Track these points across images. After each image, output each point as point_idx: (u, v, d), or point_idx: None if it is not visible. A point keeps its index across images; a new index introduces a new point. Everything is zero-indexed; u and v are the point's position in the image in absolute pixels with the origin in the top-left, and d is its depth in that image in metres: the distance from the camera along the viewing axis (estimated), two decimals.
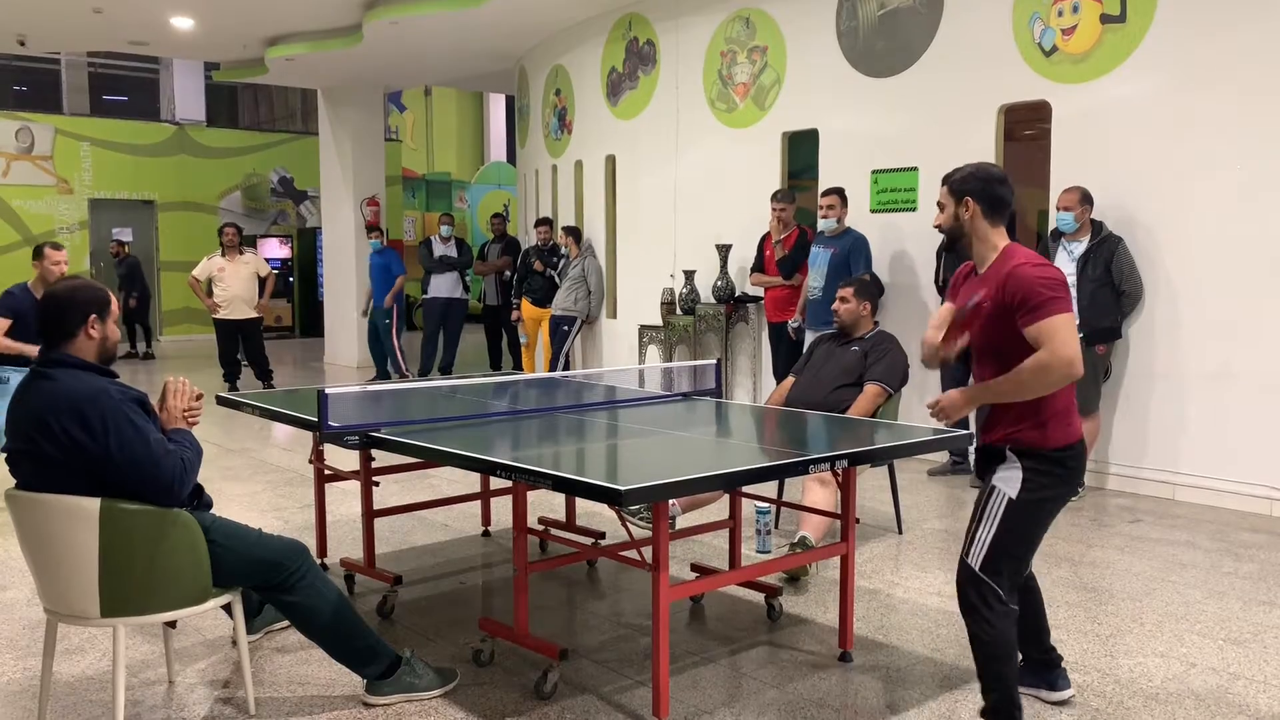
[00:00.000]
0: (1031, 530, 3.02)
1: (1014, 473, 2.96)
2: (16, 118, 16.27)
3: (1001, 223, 3.05)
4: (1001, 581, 2.96)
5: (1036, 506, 2.98)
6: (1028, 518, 2.98)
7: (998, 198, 3.02)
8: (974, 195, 3.02)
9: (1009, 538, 2.96)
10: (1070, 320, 2.88)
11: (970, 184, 3.04)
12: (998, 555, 2.96)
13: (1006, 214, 3.05)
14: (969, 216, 3.05)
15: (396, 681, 3.34)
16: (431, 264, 11.47)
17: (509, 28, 10.64)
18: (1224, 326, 5.93)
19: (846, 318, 5.33)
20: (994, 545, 2.96)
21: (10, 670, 3.68)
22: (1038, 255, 3.01)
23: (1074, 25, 6.40)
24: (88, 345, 3.04)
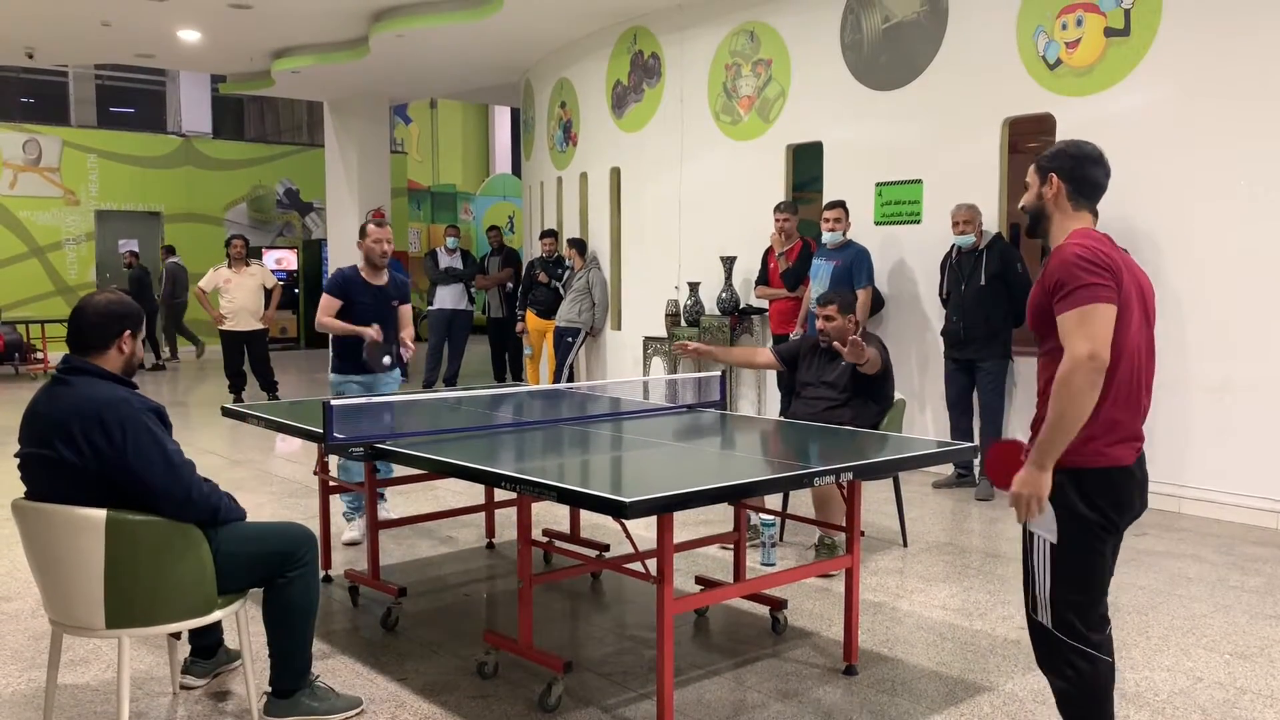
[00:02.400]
0: (1090, 569, 2.60)
1: (1047, 513, 2.56)
2: (24, 130, 16.34)
3: (1088, 208, 2.70)
4: (1079, 632, 2.59)
5: (1084, 543, 2.57)
6: (1080, 558, 2.58)
7: (1087, 178, 2.67)
8: (1060, 172, 2.67)
9: (1068, 586, 2.59)
10: (1101, 312, 2.45)
11: (1059, 160, 2.68)
12: (1065, 607, 2.59)
13: (1096, 197, 2.71)
14: (1052, 195, 2.68)
15: (295, 704, 3.29)
16: (437, 275, 11.51)
17: (514, 41, 10.68)
18: (1229, 339, 5.93)
19: (836, 335, 5.23)
20: (1056, 599, 2.60)
21: (15, 681, 3.68)
22: (1100, 235, 2.62)
23: (1078, 39, 6.42)
24: (116, 359, 3.07)
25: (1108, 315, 2.46)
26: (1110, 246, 2.60)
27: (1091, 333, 2.43)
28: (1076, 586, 2.59)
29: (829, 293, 5.50)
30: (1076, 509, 2.55)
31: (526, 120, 12.59)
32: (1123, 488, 2.58)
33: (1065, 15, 6.47)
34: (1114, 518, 2.59)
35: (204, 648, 3.61)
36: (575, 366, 10.23)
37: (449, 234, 11.81)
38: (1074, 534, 2.57)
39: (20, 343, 14.15)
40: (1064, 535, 2.57)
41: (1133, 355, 2.56)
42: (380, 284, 5.63)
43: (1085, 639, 2.59)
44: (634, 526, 3.50)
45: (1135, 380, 2.58)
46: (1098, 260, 2.49)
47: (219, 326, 10.61)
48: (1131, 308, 2.55)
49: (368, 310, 5.57)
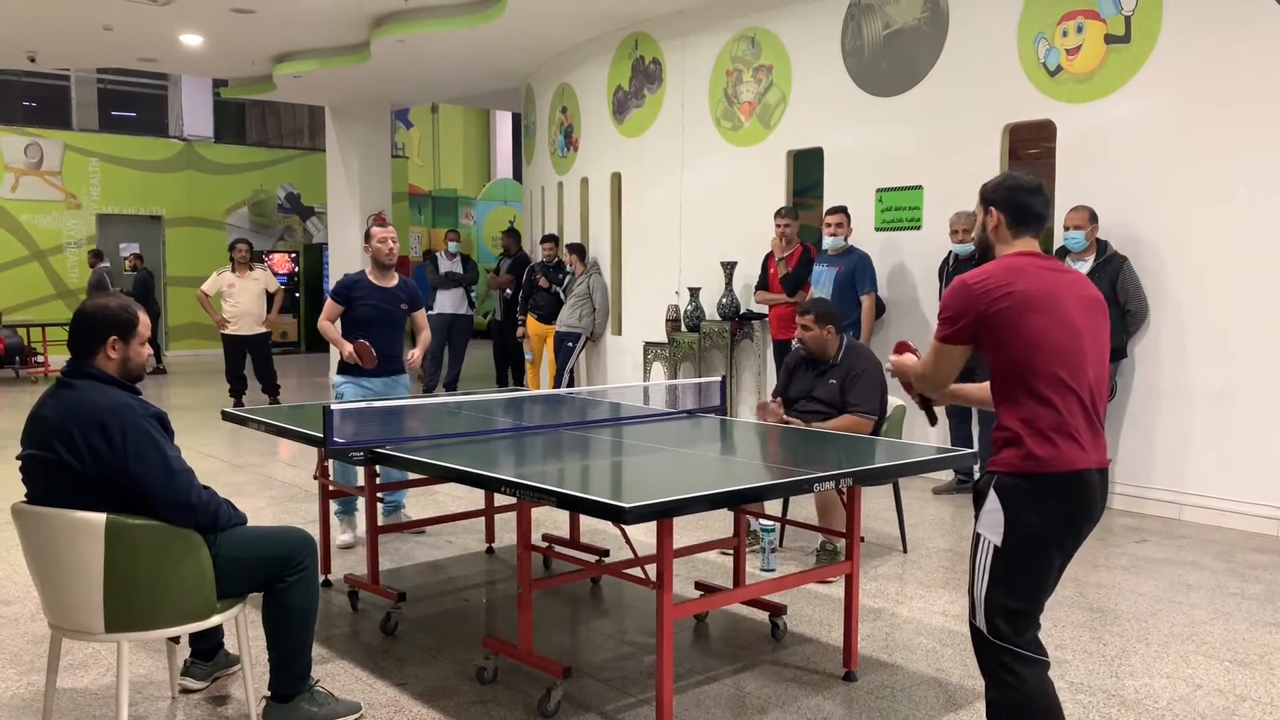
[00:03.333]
0: (1030, 577, 2.61)
1: (995, 515, 2.60)
2: (26, 133, 16.36)
3: (1028, 233, 2.78)
4: (1015, 639, 2.60)
5: (1028, 549, 2.59)
6: (1021, 564, 2.60)
7: (1023, 206, 2.77)
8: (998, 204, 2.80)
9: (1006, 590, 2.60)
10: (936, 349, 2.75)
11: (997, 192, 2.82)
12: (1001, 612, 2.60)
13: (1036, 225, 2.79)
14: (993, 226, 2.81)
15: (294, 708, 3.28)
16: (438, 280, 11.51)
17: (516, 46, 10.70)
18: (1229, 345, 5.93)
19: (814, 345, 5.20)
20: (990, 602, 2.62)
21: (14, 685, 3.68)
22: (1006, 263, 2.70)
23: (1078, 45, 6.43)
24: (108, 364, 3.07)
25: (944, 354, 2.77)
26: (1007, 272, 2.66)
27: (928, 364, 2.84)
28: (1019, 591, 2.61)
29: (808, 301, 5.43)
30: (1021, 515, 2.58)
31: (528, 125, 12.60)
32: (1073, 493, 2.59)
33: (1066, 22, 6.48)
34: (1064, 525, 2.60)
35: (203, 651, 3.61)
36: (575, 371, 10.24)
37: (449, 239, 11.83)
38: (1018, 540, 2.58)
39: (20, 346, 14.15)
40: (1008, 540, 2.59)
41: (1051, 359, 2.59)
42: (388, 286, 5.62)
43: (1015, 641, 2.60)
44: (634, 532, 3.50)
45: (1057, 382, 2.59)
46: (953, 301, 2.70)
47: (221, 330, 10.62)
48: (1034, 313, 2.60)
49: (374, 312, 5.57)
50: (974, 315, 2.64)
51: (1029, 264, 2.69)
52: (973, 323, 2.65)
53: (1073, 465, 2.58)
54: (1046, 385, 2.59)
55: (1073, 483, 2.59)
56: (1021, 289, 2.61)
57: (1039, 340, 2.60)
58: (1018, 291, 2.61)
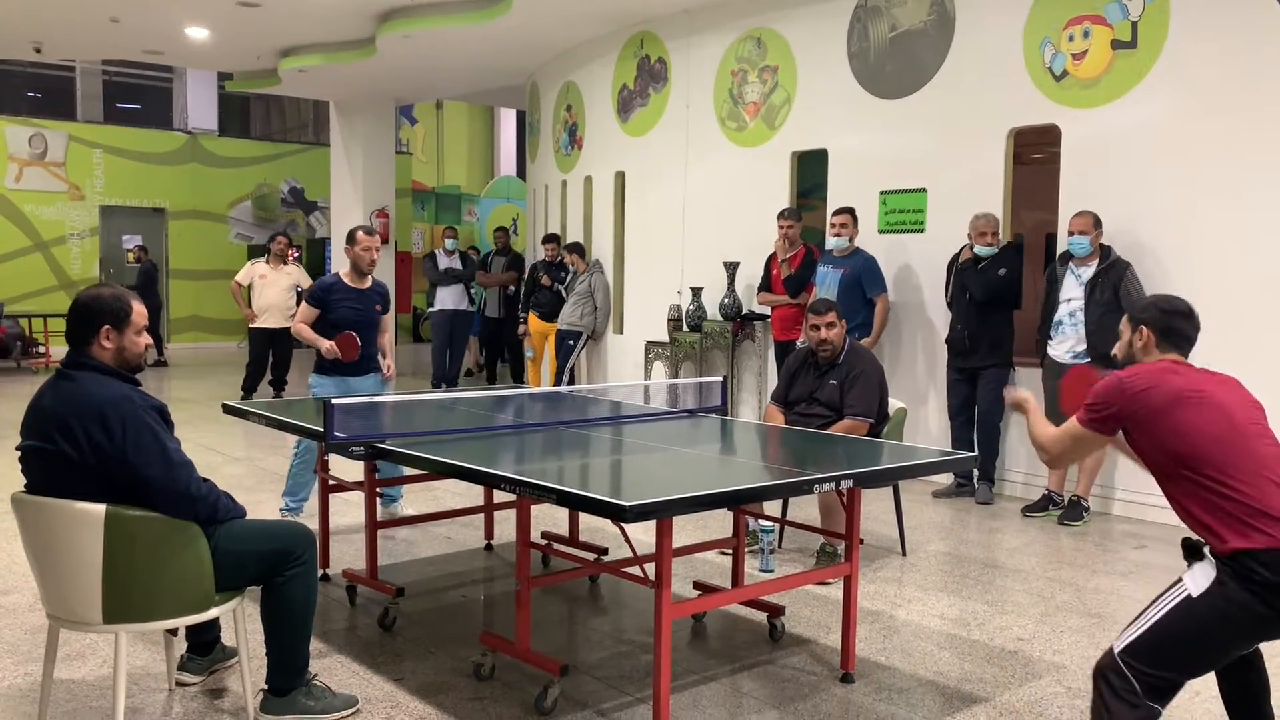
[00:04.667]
0: (1202, 639, 2.54)
1: (1208, 571, 2.57)
2: (30, 124, 16.38)
3: (1175, 352, 2.89)
4: (1143, 677, 2.54)
5: (1218, 616, 2.51)
6: (1202, 624, 2.52)
7: (1173, 329, 2.89)
8: (1149, 324, 2.91)
9: (1171, 636, 2.55)
10: (1076, 432, 2.96)
11: (1148, 313, 2.94)
12: (1151, 648, 2.56)
13: (1184, 346, 2.90)
14: (1141, 345, 2.93)
15: (291, 702, 3.28)
16: (437, 276, 11.51)
17: (522, 43, 10.70)
18: (1231, 352, 5.90)
19: (838, 343, 5.20)
20: (1151, 634, 2.57)
21: (11, 675, 3.68)
22: (1150, 369, 2.80)
23: (1084, 50, 6.42)
24: (103, 354, 3.06)
25: (1086, 439, 2.95)
26: (1153, 373, 2.78)
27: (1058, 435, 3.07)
28: (1183, 645, 2.55)
29: (820, 301, 5.37)
30: (1251, 590, 2.49)
31: (532, 123, 12.61)
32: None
33: (1072, 27, 6.47)
34: (1269, 609, 2.48)
35: (201, 644, 3.61)
36: (576, 370, 10.24)
37: (447, 235, 11.82)
38: (1226, 609, 2.51)
39: (23, 336, 14.16)
40: (1212, 602, 2.53)
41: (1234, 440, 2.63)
42: (364, 288, 5.75)
43: (1149, 690, 2.54)
44: (633, 531, 3.50)
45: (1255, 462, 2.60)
46: (1107, 397, 2.81)
47: (250, 324, 10.65)
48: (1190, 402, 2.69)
49: (352, 314, 5.70)
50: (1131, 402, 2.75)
51: (1182, 367, 2.82)
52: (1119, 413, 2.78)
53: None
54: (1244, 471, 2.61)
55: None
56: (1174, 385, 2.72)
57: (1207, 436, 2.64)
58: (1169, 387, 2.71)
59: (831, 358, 5.22)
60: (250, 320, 10.64)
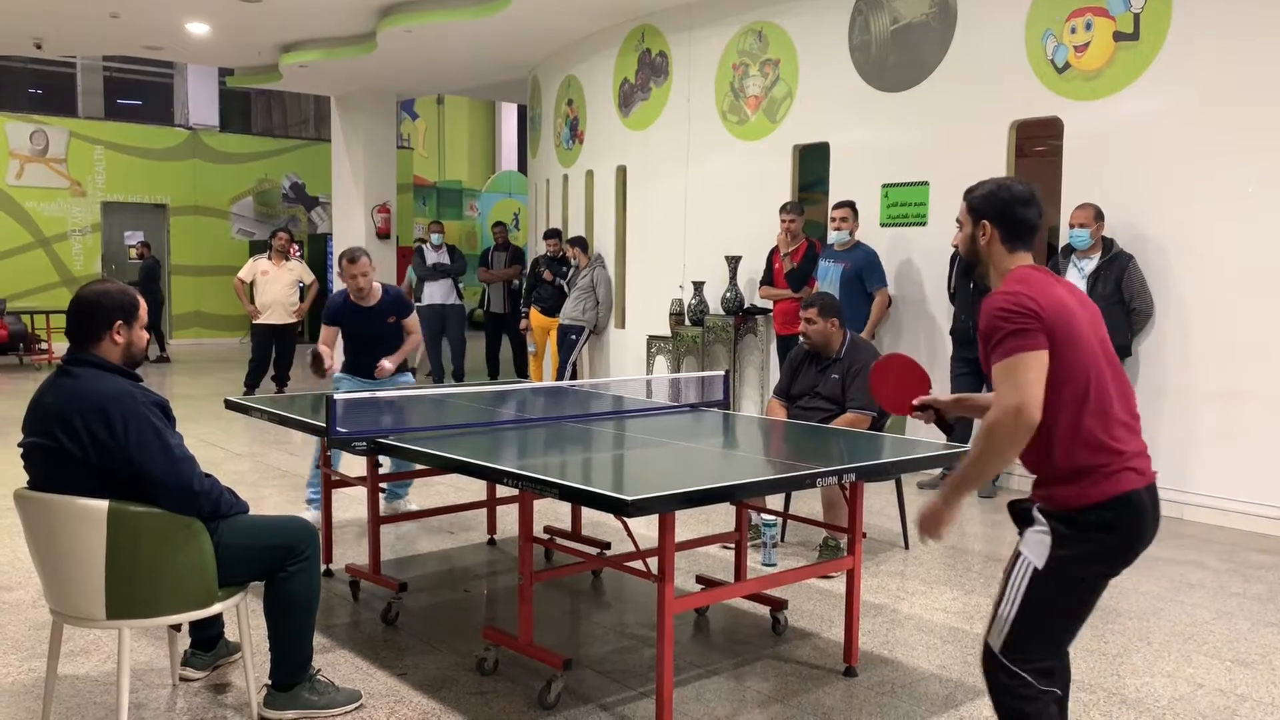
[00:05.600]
0: (1064, 607, 2.50)
1: (1042, 537, 2.47)
2: (31, 120, 16.37)
3: (1022, 248, 2.60)
4: (1030, 668, 2.47)
5: (1068, 578, 2.46)
6: (1057, 591, 2.46)
7: (1019, 220, 2.58)
8: (993, 219, 2.59)
9: (1036, 616, 2.47)
10: (1026, 361, 2.38)
11: (989, 203, 2.61)
12: (1024, 637, 2.48)
13: (1030, 238, 2.61)
14: (985, 241, 2.62)
15: (294, 697, 3.29)
16: (425, 271, 11.47)
17: (522, 38, 10.68)
18: (1234, 345, 5.91)
19: (818, 339, 5.19)
20: (1018, 625, 2.47)
21: (15, 671, 3.68)
22: (1030, 275, 2.52)
23: (1087, 42, 6.40)
24: (112, 349, 3.06)
25: (1034, 362, 2.39)
26: (1038, 286, 2.48)
27: (1018, 382, 2.38)
28: (1049, 619, 2.50)
29: (811, 295, 5.42)
30: (1089, 542, 2.44)
31: (533, 117, 12.59)
32: (1129, 521, 2.45)
33: (1074, 19, 6.45)
34: (1125, 553, 2.48)
35: (204, 640, 3.62)
36: (578, 364, 10.23)
37: (434, 230, 11.75)
38: (1060, 570, 2.45)
39: (25, 333, 14.16)
40: (1050, 566, 2.45)
41: (1099, 378, 2.46)
42: (370, 305, 5.73)
43: (1041, 673, 2.48)
44: (635, 525, 3.50)
45: (1106, 404, 2.45)
46: (1020, 307, 2.42)
47: (254, 320, 10.65)
48: (1079, 336, 2.46)
49: (361, 333, 5.75)
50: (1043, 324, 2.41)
51: (1053, 290, 2.50)
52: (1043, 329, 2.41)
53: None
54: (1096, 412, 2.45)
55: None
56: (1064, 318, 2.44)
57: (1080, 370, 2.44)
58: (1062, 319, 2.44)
59: (818, 350, 5.22)
60: (253, 316, 10.65)
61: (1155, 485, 2.52)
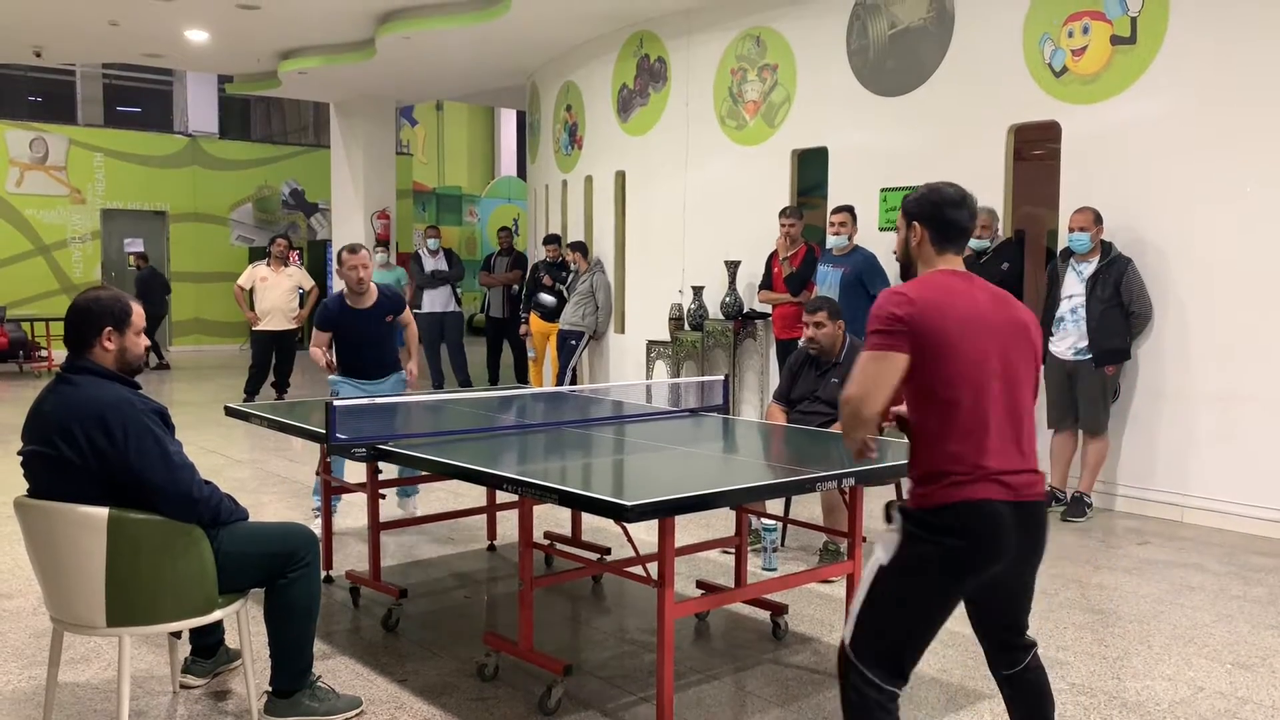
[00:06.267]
0: (908, 608, 2.50)
1: (893, 535, 2.51)
2: (31, 128, 16.39)
3: (952, 250, 2.64)
4: (873, 667, 2.48)
5: (913, 579, 2.47)
6: (901, 591, 2.49)
7: (949, 222, 2.62)
8: (922, 219, 2.64)
9: (878, 613, 2.50)
10: (872, 359, 2.47)
11: (920, 206, 2.66)
12: (867, 634, 2.50)
13: (960, 241, 2.66)
14: (917, 243, 2.66)
15: (295, 704, 3.28)
16: (424, 279, 11.43)
17: (521, 44, 10.70)
18: (1233, 347, 5.92)
19: (827, 343, 5.17)
20: (862, 619, 2.51)
21: (16, 679, 3.68)
22: (933, 279, 2.57)
23: (1084, 46, 6.41)
24: (104, 355, 3.06)
25: (887, 363, 2.46)
26: (930, 293, 2.51)
27: (864, 377, 2.47)
28: (891, 619, 2.51)
29: (817, 299, 5.40)
30: (936, 545, 2.45)
31: (532, 123, 12.61)
32: (976, 527, 2.44)
33: (1071, 23, 6.47)
34: (961, 561, 2.45)
35: (205, 647, 3.61)
36: (578, 369, 10.23)
37: (429, 235, 11.67)
38: (905, 568, 2.48)
39: (25, 341, 14.16)
40: (896, 563, 2.49)
41: (977, 391, 2.46)
42: (366, 306, 5.72)
43: (886, 676, 2.49)
44: (635, 530, 3.50)
45: (981, 417, 2.46)
46: (895, 309, 2.47)
47: (253, 327, 10.64)
48: (961, 352, 2.46)
49: (358, 335, 5.73)
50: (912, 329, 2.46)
51: (950, 295, 2.52)
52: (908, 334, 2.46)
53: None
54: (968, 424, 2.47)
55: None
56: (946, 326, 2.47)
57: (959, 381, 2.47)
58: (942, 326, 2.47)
59: (823, 354, 5.23)
60: (252, 323, 10.65)
61: (1032, 505, 2.50)
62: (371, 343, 5.73)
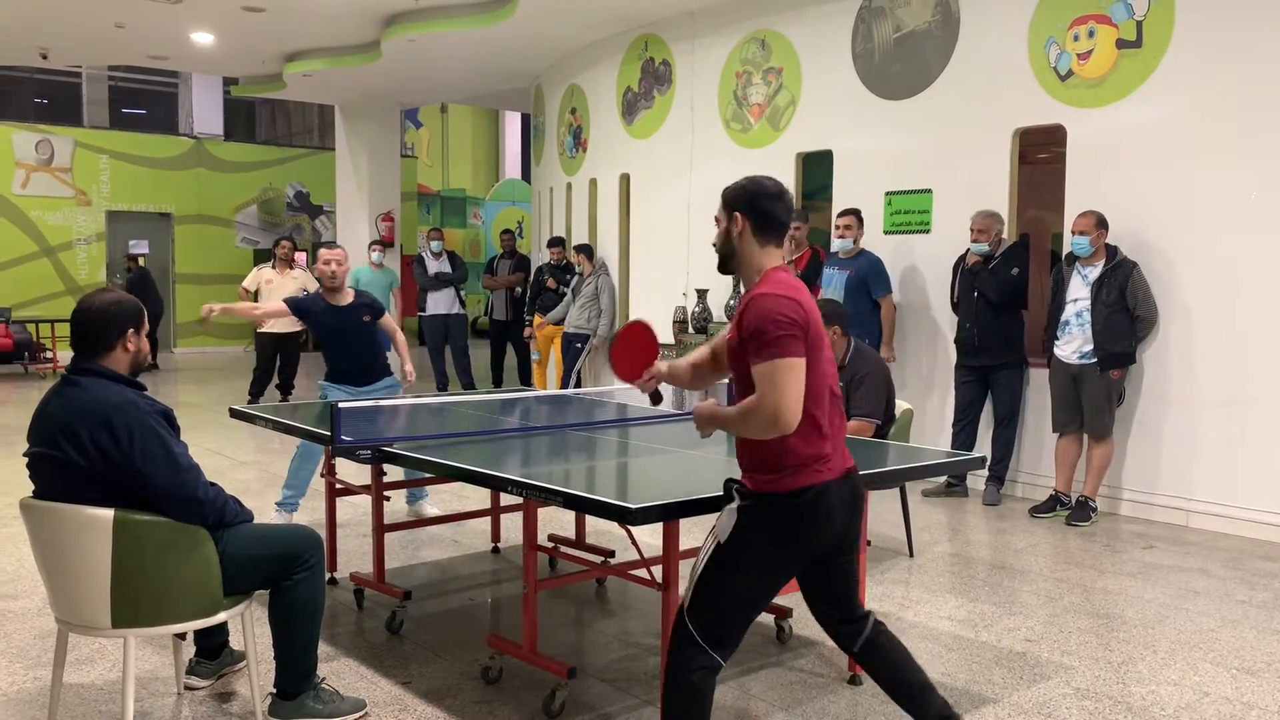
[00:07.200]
0: (737, 578, 2.69)
1: (730, 516, 2.70)
2: (37, 130, 16.42)
3: (773, 243, 2.75)
4: (704, 629, 2.69)
5: (747, 554, 2.68)
6: (733, 563, 2.68)
7: (767, 213, 2.73)
8: (742, 210, 2.74)
9: (717, 585, 2.70)
10: (794, 366, 2.56)
11: (739, 197, 2.75)
12: (705, 601, 2.70)
13: (780, 233, 2.77)
14: (738, 232, 2.74)
15: (299, 705, 3.28)
16: (428, 282, 11.42)
17: (526, 47, 10.71)
18: (1238, 352, 5.90)
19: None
20: (701, 588, 2.71)
21: (21, 679, 3.69)
22: (792, 281, 2.69)
23: (1090, 50, 6.41)
24: (123, 358, 3.08)
25: (798, 370, 2.57)
26: (804, 295, 2.68)
27: (780, 387, 2.55)
28: (725, 591, 2.70)
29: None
30: (751, 529, 2.67)
31: (537, 126, 12.62)
32: (806, 510, 2.66)
33: (1077, 26, 6.46)
34: (807, 542, 2.69)
35: (209, 648, 3.62)
36: (582, 372, 10.23)
37: (432, 237, 11.64)
38: (739, 547, 2.68)
39: (30, 342, 14.19)
40: (731, 542, 2.69)
41: (816, 390, 2.65)
42: (342, 305, 5.75)
43: (714, 641, 2.68)
44: (639, 533, 3.50)
45: (813, 415, 2.65)
46: (793, 315, 2.58)
47: (258, 329, 10.66)
48: (820, 346, 2.68)
49: (334, 333, 5.75)
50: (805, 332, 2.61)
51: (806, 295, 2.69)
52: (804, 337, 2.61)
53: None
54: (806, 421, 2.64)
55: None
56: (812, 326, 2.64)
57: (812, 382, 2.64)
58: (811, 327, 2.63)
59: None
60: (257, 325, 10.66)
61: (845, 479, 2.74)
62: (352, 343, 5.75)
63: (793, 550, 2.71)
